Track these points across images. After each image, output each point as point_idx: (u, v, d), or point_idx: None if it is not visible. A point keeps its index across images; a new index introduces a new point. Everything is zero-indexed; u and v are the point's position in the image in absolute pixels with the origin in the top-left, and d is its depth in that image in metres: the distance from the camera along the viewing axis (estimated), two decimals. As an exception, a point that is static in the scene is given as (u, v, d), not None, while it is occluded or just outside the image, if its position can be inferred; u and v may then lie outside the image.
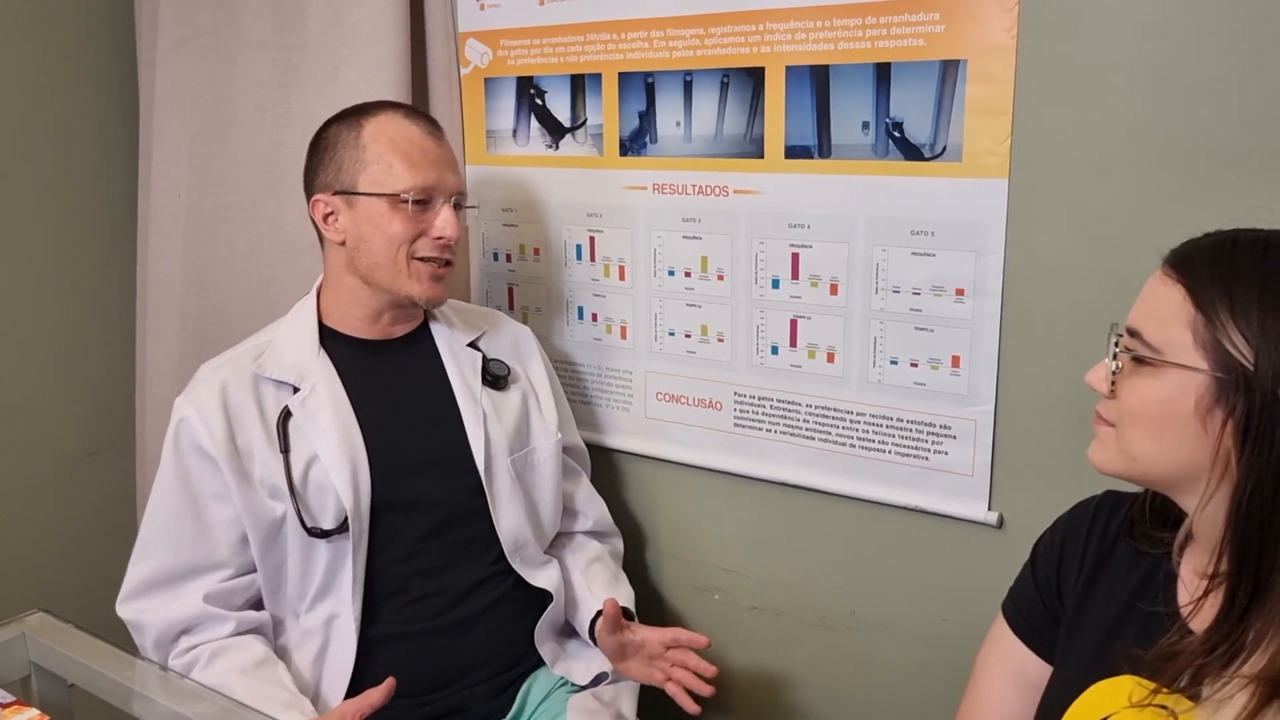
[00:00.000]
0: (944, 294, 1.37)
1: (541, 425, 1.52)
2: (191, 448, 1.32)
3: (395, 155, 1.36)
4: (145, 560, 1.34)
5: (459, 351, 1.47)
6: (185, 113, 1.83)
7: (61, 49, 1.89)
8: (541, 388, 1.55)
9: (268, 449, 1.33)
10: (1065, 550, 0.99)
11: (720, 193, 1.52)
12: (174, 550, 1.33)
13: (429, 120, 1.43)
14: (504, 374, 1.49)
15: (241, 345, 1.43)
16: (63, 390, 1.98)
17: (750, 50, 1.44)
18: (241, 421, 1.33)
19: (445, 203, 1.38)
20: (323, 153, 1.40)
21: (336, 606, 1.35)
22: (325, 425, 1.34)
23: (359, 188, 1.36)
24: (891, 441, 1.45)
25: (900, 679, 1.53)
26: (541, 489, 1.50)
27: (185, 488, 1.33)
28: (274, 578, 1.36)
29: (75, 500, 2.02)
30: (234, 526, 1.33)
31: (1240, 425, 0.78)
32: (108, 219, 2.00)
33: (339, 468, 1.32)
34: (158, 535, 1.34)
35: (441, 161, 1.39)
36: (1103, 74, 1.22)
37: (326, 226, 1.39)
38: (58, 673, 1.23)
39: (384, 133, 1.37)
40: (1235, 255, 0.80)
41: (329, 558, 1.33)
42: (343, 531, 1.33)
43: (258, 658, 1.31)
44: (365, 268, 1.38)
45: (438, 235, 1.37)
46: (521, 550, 1.44)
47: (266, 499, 1.33)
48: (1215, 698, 0.79)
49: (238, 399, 1.34)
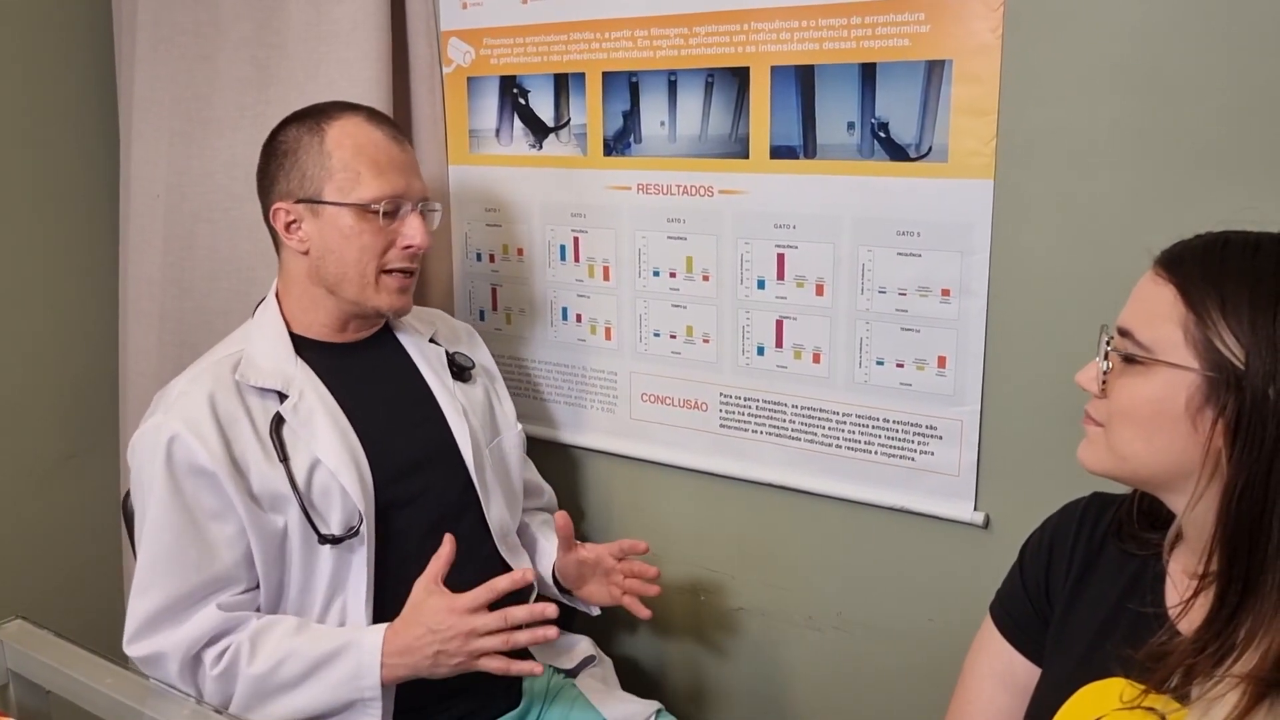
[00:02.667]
0: (930, 294, 1.37)
1: (503, 415, 1.53)
2: (187, 467, 1.24)
3: (362, 163, 1.32)
4: (150, 592, 1.25)
5: (425, 349, 1.46)
6: (164, 112, 1.81)
7: (40, 47, 1.87)
8: (496, 379, 1.56)
9: (263, 460, 1.27)
10: (1053, 551, 0.99)
11: (705, 193, 1.51)
12: (180, 577, 1.25)
13: (391, 124, 1.39)
14: (469, 365, 1.49)
15: (212, 356, 1.36)
16: (42, 392, 1.96)
17: (735, 50, 1.44)
18: (235, 432, 1.27)
19: (413, 210, 1.35)
20: (282, 157, 1.34)
21: (346, 613, 1.31)
22: (321, 429, 1.30)
23: (324, 196, 1.32)
24: (878, 442, 1.45)
25: (887, 679, 1.53)
26: (512, 478, 1.52)
27: (183, 510, 1.25)
28: (273, 594, 1.30)
29: (54, 503, 1.99)
30: (238, 543, 1.26)
31: (1231, 424, 0.78)
32: (88, 219, 1.97)
33: (345, 470, 1.29)
34: (160, 564, 1.25)
35: (407, 167, 1.36)
36: (1088, 74, 1.22)
37: (289, 235, 1.34)
38: (36, 680, 1.21)
39: (349, 138, 1.32)
40: (1226, 255, 0.81)
41: (333, 565, 1.30)
42: (352, 535, 1.30)
43: (295, 622, 1.27)
44: (331, 279, 1.34)
45: (406, 245, 1.34)
46: (506, 538, 1.45)
47: (267, 510, 1.27)
48: (1206, 697, 0.79)
49: (227, 410, 1.28)
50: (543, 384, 1.76)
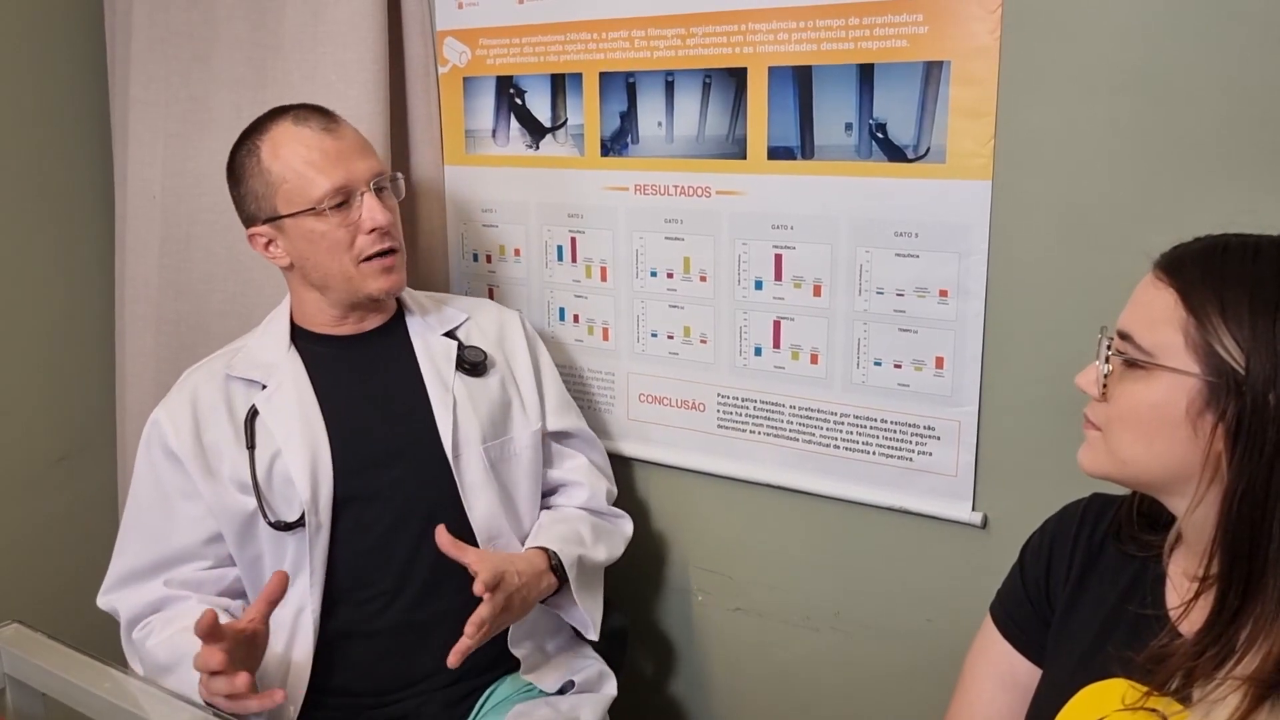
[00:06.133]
0: (927, 295, 1.37)
1: (521, 414, 1.49)
2: (160, 449, 1.36)
3: (298, 167, 1.33)
4: (122, 555, 1.39)
5: (432, 340, 1.46)
6: (159, 114, 1.80)
7: (31, 48, 1.86)
8: (523, 375, 1.52)
9: (235, 446, 1.35)
10: (1053, 553, 0.99)
11: (702, 194, 1.51)
12: (145, 544, 1.37)
13: (320, 114, 1.39)
14: (480, 360, 1.47)
15: (221, 350, 1.46)
16: (35, 393, 1.95)
17: (732, 50, 1.44)
18: (209, 421, 1.36)
19: (365, 191, 1.35)
20: (236, 185, 1.40)
21: (300, 600, 1.34)
22: (288, 420, 1.36)
23: (280, 211, 1.35)
24: (875, 443, 1.45)
25: (884, 680, 1.53)
26: (518, 479, 1.47)
27: (156, 486, 1.37)
28: (252, 571, 1.37)
29: (49, 506, 1.99)
30: (203, 522, 1.35)
31: (1231, 429, 0.78)
32: (80, 220, 1.97)
33: (298, 461, 1.33)
34: (131, 531, 1.38)
35: (344, 154, 1.35)
36: (1086, 76, 1.22)
37: (269, 255, 1.39)
38: (32, 684, 1.21)
39: (279, 148, 1.35)
40: (1226, 259, 0.81)
41: (294, 550, 1.34)
42: (299, 525, 1.33)
43: (198, 611, 1.25)
44: (318, 281, 1.39)
45: (370, 228, 1.35)
46: (495, 541, 1.42)
47: (237, 494, 1.34)
48: (1207, 700, 0.79)
49: (207, 400, 1.37)
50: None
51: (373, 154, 1.40)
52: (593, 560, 1.44)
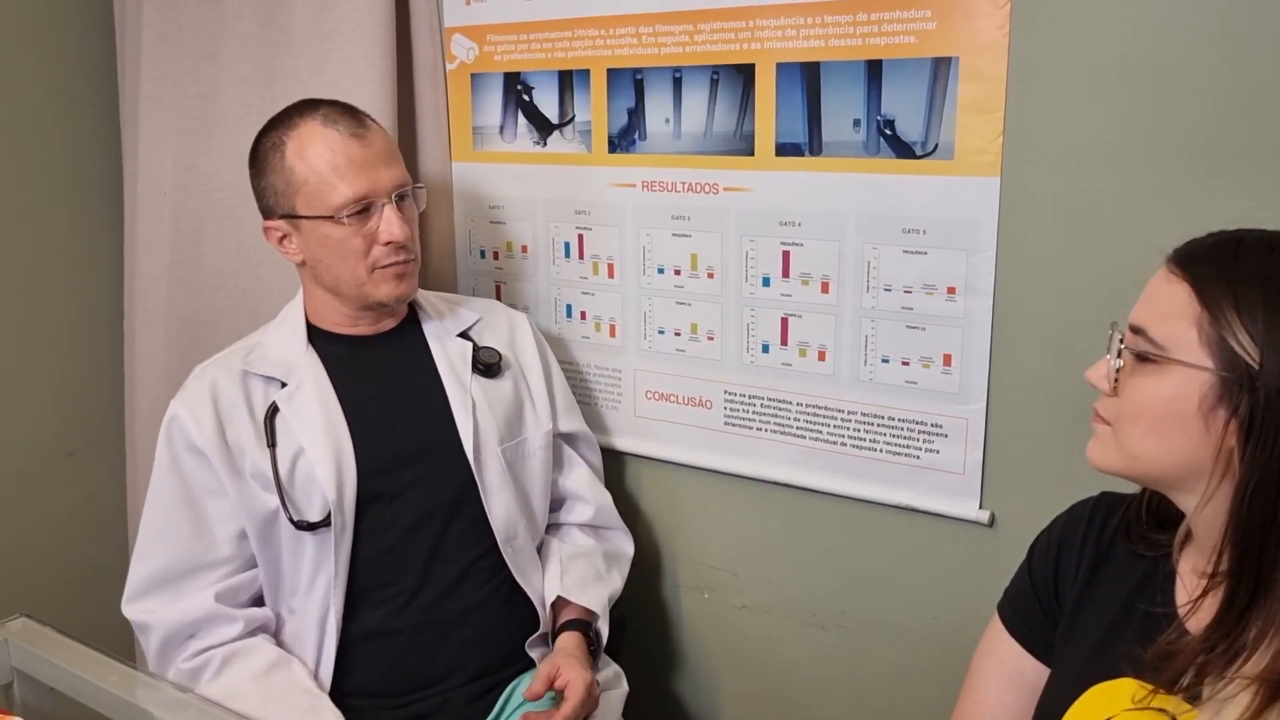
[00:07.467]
0: (935, 292, 1.36)
1: (533, 415, 1.50)
2: (184, 445, 1.32)
3: (322, 171, 1.32)
4: (146, 558, 1.34)
5: (447, 341, 1.47)
6: (169, 110, 1.80)
7: (40, 45, 1.86)
8: (534, 376, 1.53)
9: (256, 444, 1.33)
10: (1062, 551, 0.98)
11: (710, 190, 1.51)
12: (174, 546, 1.33)
13: (350, 117, 1.36)
14: (495, 361, 1.48)
15: (233, 346, 1.44)
16: (44, 388, 1.96)
17: (740, 47, 1.43)
18: (231, 418, 1.34)
19: (386, 203, 1.34)
20: (257, 176, 1.38)
21: (323, 601, 1.34)
22: (311, 419, 1.34)
23: (298, 211, 1.34)
24: (883, 440, 1.45)
25: (891, 678, 1.53)
26: (532, 479, 1.49)
27: (181, 484, 1.33)
28: (273, 570, 1.35)
29: (58, 500, 1.99)
30: (232, 521, 1.33)
31: (1244, 424, 0.77)
32: (95, 217, 1.97)
33: (323, 460, 1.32)
34: (157, 532, 1.34)
35: (370, 162, 1.33)
36: (1094, 72, 1.21)
37: (282, 249, 1.39)
38: (40, 679, 1.21)
39: (305, 148, 1.33)
40: (1241, 254, 0.80)
41: (316, 551, 1.33)
42: (327, 525, 1.32)
43: (269, 660, 1.30)
44: (329, 284, 1.38)
45: (386, 240, 1.34)
46: (513, 541, 1.43)
47: (260, 492, 1.32)
48: (1217, 698, 0.79)
49: (227, 396, 1.35)
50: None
51: (398, 162, 1.39)
52: (614, 596, 1.50)
